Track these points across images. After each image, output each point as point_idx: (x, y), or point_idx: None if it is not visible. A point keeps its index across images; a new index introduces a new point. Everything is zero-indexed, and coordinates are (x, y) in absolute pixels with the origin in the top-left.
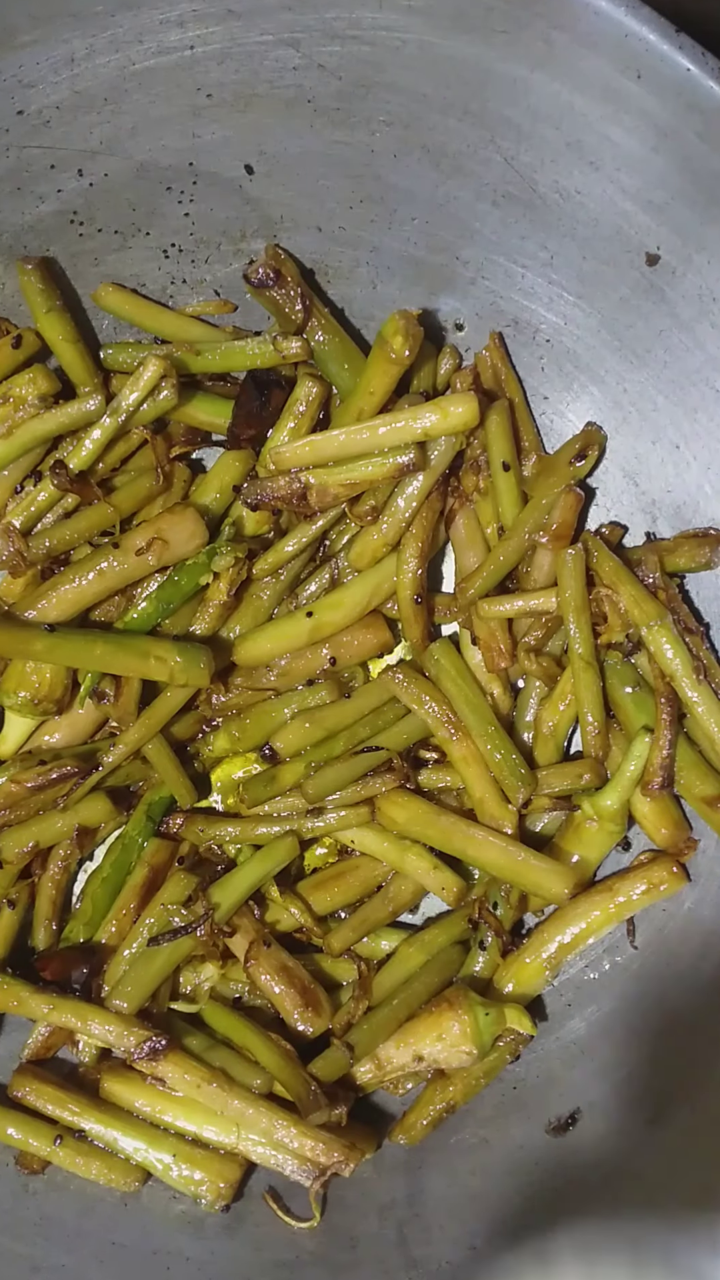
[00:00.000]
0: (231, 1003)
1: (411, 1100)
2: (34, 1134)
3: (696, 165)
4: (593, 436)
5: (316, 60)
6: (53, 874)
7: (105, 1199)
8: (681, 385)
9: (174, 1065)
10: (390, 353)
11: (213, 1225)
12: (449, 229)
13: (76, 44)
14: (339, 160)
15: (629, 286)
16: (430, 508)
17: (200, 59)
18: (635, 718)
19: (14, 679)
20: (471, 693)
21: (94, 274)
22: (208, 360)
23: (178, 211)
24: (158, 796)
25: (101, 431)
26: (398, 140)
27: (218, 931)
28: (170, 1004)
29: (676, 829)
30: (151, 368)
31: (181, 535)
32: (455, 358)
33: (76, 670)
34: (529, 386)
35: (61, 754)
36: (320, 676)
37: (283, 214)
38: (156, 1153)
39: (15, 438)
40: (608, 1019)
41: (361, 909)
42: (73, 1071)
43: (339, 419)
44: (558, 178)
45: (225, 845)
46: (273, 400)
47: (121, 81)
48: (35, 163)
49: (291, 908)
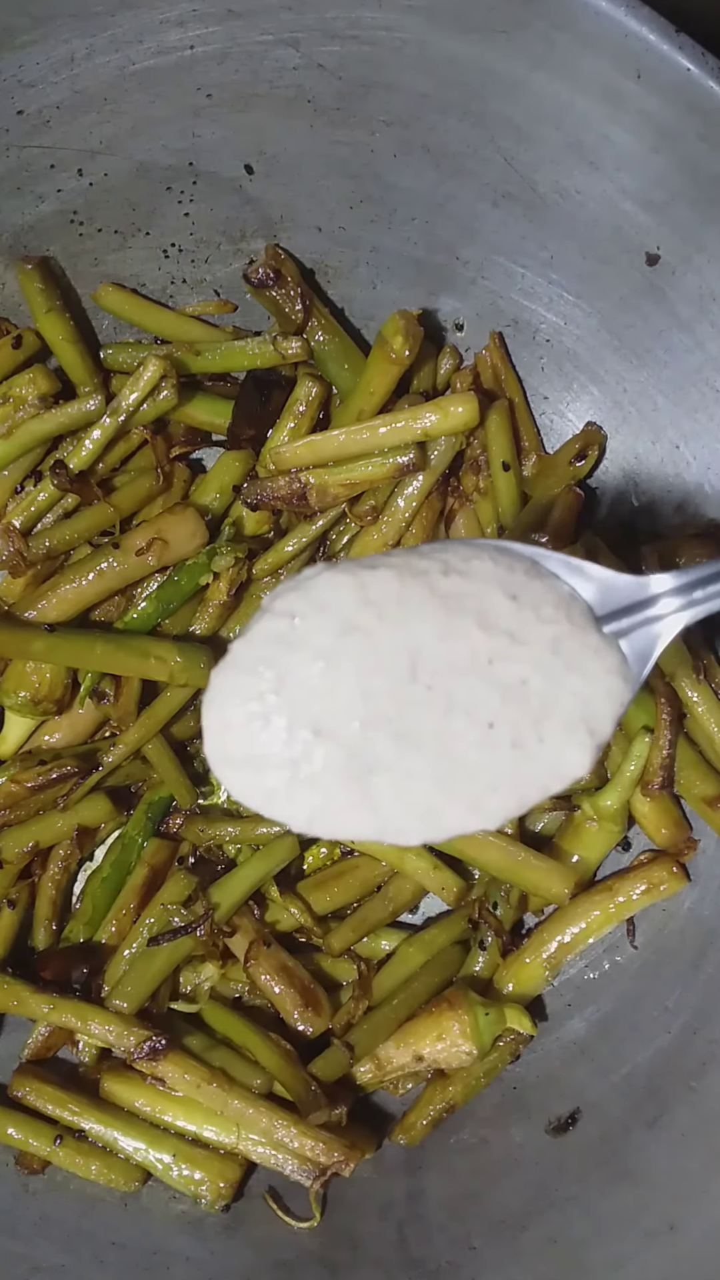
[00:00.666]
0: (231, 1003)
1: (411, 1100)
2: (34, 1134)
3: (696, 165)
4: (593, 436)
5: (316, 60)
6: (53, 874)
7: (105, 1199)
8: (681, 385)
9: (174, 1065)
10: (390, 353)
11: (213, 1225)
12: (449, 229)
13: (76, 44)
14: (339, 160)
15: (629, 286)
16: (430, 508)
17: (200, 59)
18: (635, 717)
19: (14, 679)
20: None
21: (94, 274)
22: (208, 360)
23: (177, 211)
24: (158, 796)
25: (101, 431)
26: (398, 140)
27: (218, 931)
28: (170, 1004)
29: (676, 829)
30: (151, 368)
31: (182, 535)
32: (455, 358)
33: (76, 670)
34: (529, 386)
35: (61, 754)
36: None
37: (283, 214)
38: (156, 1153)
39: (15, 438)
40: (608, 1019)
41: (361, 909)
42: (73, 1071)
43: (339, 419)
44: (558, 178)
45: (225, 845)
46: (272, 400)
47: (121, 81)
48: (35, 162)
49: (291, 908)
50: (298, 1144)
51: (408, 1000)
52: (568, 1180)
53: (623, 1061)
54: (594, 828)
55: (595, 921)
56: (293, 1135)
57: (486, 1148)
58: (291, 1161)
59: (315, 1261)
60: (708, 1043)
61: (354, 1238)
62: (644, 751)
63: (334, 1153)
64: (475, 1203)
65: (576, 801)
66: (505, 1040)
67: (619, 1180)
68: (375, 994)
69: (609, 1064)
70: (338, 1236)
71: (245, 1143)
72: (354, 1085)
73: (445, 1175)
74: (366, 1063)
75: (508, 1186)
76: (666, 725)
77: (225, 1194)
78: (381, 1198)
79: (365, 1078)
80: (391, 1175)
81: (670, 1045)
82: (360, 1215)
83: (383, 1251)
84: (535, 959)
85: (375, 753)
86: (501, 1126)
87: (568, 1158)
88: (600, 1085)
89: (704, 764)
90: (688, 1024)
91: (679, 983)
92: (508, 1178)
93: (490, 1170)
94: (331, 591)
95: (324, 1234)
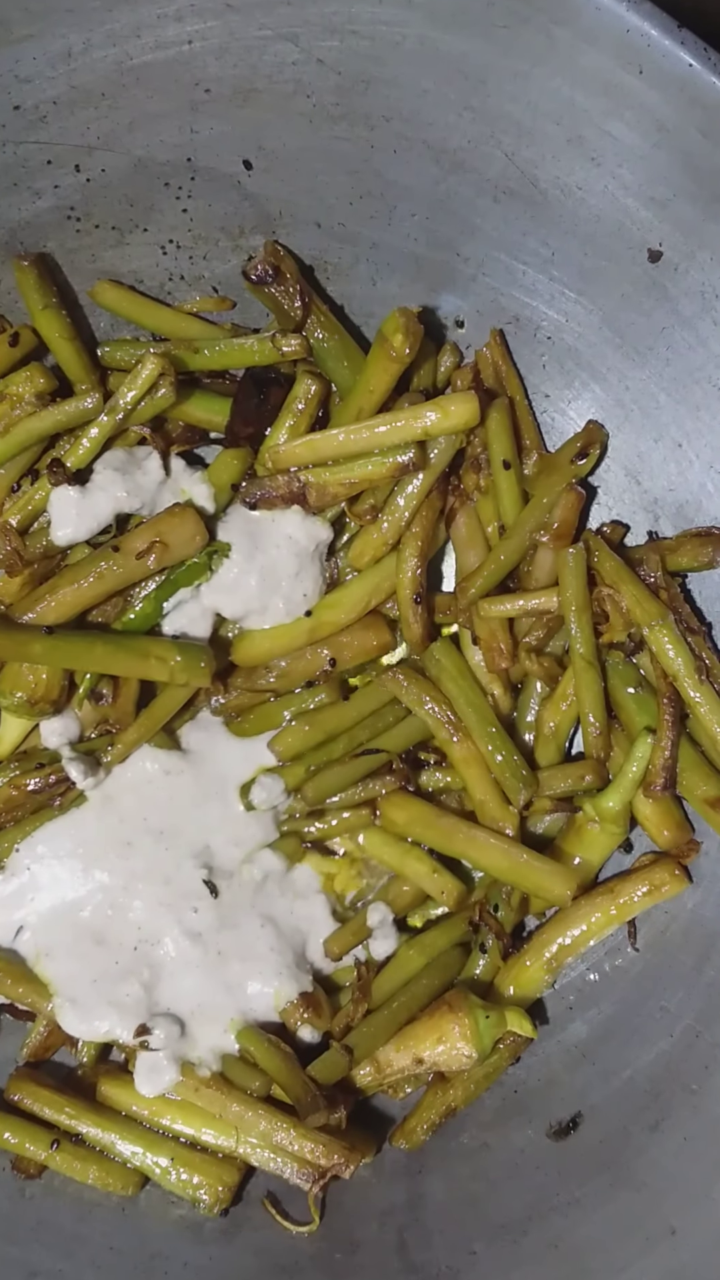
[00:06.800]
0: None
1: (411, 1104)
2: (31, 1138)
3: (698, 161)
4: (594, 434)
5: (315, 55)
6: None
7: (102, 1203)
8: (684, 382)
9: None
10: (390, 350)
11: (211, 1230)
12: (449, 225)
13: (73, 39)
14: (338, 156)
15: (631, 283)
16: (430, 506)
17: (198, 54)
18: (637, 718)
19: (10, 679)
20: (472, 693)
21: (91, 270)
22: (206, 357)
23: (176, 207)
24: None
25: (99, 429)
26: (397, 136)
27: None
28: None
29: (679, 830)
30: (149, 365)
31: (182, 537)
32: (456, 355)
33: (73, 671)
34: (530, 384)
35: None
36: (319, 678)
37: (281, 210)
38: (154, 1156)
39: (12, 436)
40: (609, 1022)
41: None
42: (70, 1075)
43: (338, 417)
44: (559, 174)
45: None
46: (271, 398)
47: (119, 76)
48: (32, 158)
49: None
50: (296, 1147)
51: (408, 1003)
52: (569, 1185)
53: (624, 1065)
54: (596, 829)
55: (596, 924)
56: (292, 1138)
57: (487, 1152)
58: (290, 1165)
59: (314, 1266)
60: (710, 1046)
61: (353, 1242)
62: (646, 753)
63: (333, 1155)
64: (476, 1207)
65: (578, 803)
66: (506, 1043)
67: (620, 1185)
68: (375, 997)
69: (610, 1067)
70: (337, 1241)
71: (244, 1146)
72: (353, 1088)
73: (445, 1179)
74: (366, 1066)
75: (508, 1191)
76: (669, 726)
77: (224, 1198)
78: (381, 1202)
79: (365, 1081)
80: (391, 1179)
81: (672, 1049)
82: (360, 1220)
83: (382, 1256)
84: (536, 961)
85: None
86: (502, 1130)
87: (569, 1162)
88: (602, 1089)
89: (706, 765)
90: (690, 1027)
91: (681, 985)
92: (508, 1182)
93: (491, 1174)
94: None
95: (323, 1238)
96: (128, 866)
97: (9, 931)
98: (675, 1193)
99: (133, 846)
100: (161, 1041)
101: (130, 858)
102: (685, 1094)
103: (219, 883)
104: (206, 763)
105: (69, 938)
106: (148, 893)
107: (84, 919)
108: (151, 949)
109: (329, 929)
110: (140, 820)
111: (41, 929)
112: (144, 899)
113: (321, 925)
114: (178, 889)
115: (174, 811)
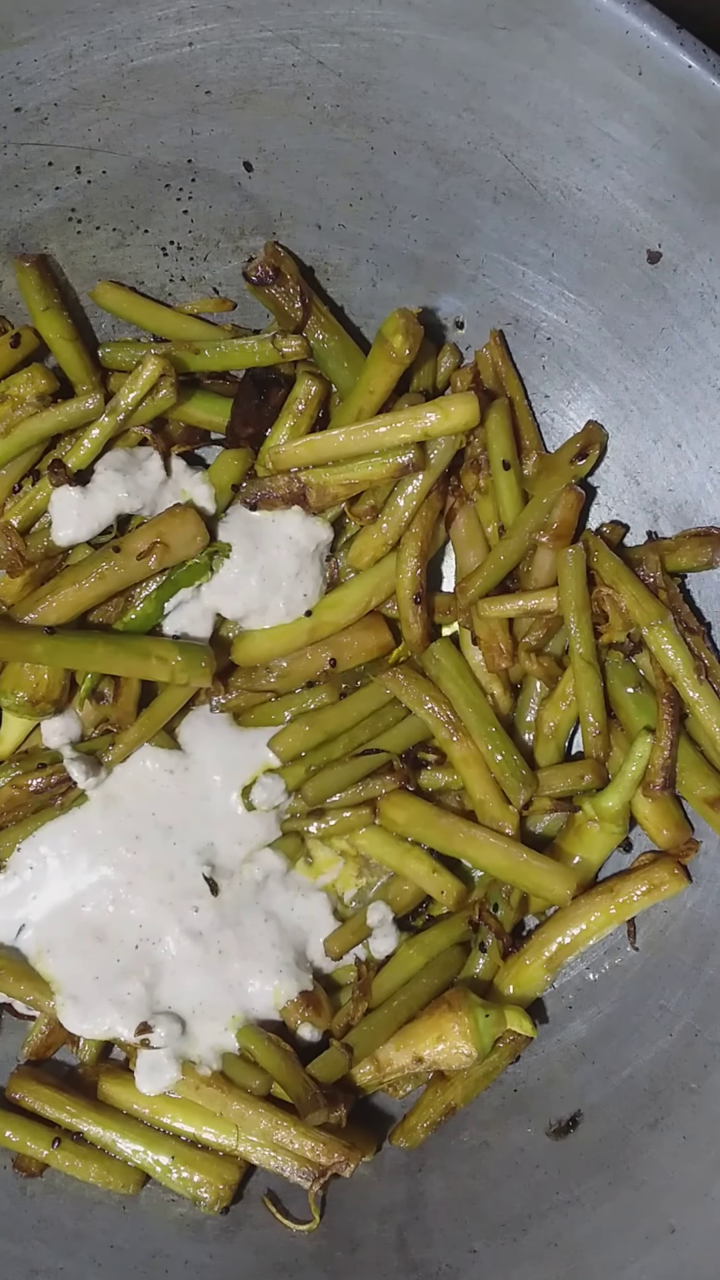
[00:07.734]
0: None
1: (411, 1103)
2: (32, 1136)
3: (698, 162)
4: (594, 435)
5: (316, 57)
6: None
7: (103, 1201)
8: (683, 383)
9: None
10: (390, 351)
11: (212, 1228)
12: (449, 226)
13: (74, 40)
14: (338, 157)
15: (630, 284)
16: (430, 507)
17: (199, 55)
18: (637, 718)
19: (11, 679)
20: (472, 693)
21: (92, 272)
22: (206, 358)
23: (176, 209)
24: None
25: (100, 430)
26: (397, 137)
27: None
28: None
29: (678, 830)
30: (150, 366)
31: (183, 538)
32: (455, 356)
33: (75, 671)
34: (530, 385)
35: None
36: (320, 678)
37: (282, 211)
38: (155, 1155)
39: (13, 437)
40: (609, 1021)
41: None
42: (71, 1073)
43: (338, 418)
44: (558, 175)
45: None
46: (272, 399)
47: (120, 78)
48: (33, 160)
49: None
50: (297, 1145)
51: (408, 1002)
52: (568, 1183)
53: (624, 1064)
54: (595, 829)
55: (596, 923)
56: (292, 1136)
57: (487, 1150)
58: (291, 1163)
59: (315, 1264)
60: (709, 1045)
61: (354, 1240)
62: (645, 752)
63: (333, 1154)
64: (475, 1205)
65: (578, 802)
66: (505, 1042)
67: (620, 1183)
68: (375, 996)
69: (610, 1066)
70: (337, 1239)
71: (244, 1144)
72: (353, 1087)
73: (445, 1178)
74: (366, 1064)
75: (508, 1189)
76: (668, 726)
77: (224, 1196)
78: (381, 1200)
79: (365, 1079)
80: (391, 1178)
81: (672, 1047)
82: (360, 1218)
83: (382, 1254)
84: (536, 960)
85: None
86: (502, 1129)
87: (568, 1160)
88: (601, 1088)
89: (705, 764)
90: (689, 1026)
91: (680, 984)
92: (508, 1180)
93: (491, 1173)
94: None
95: (323, 1237)
96: (130, 863)
97: (11, 929)
98: (674, 1191)
99: (138, 841)
100: (162, 1040)
101: (133, 854)
102: (684, 1093)
103: (220, 881)
104: (207, 762)
105: (70, 936)
106: (149, 890)
107: (85, 917)
108: (153, 947)
109: (329, 928)
110: (146, 816)
111: (43, 927)
112: (146, 897)
113: (322, 924)
114: (179, 887)
115: (175, 810)
